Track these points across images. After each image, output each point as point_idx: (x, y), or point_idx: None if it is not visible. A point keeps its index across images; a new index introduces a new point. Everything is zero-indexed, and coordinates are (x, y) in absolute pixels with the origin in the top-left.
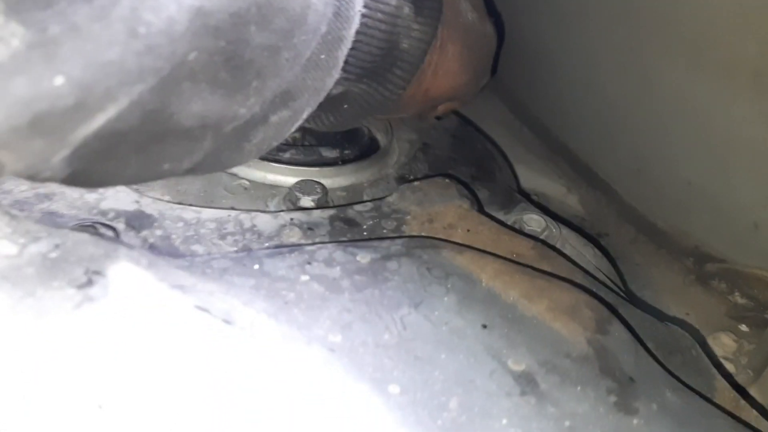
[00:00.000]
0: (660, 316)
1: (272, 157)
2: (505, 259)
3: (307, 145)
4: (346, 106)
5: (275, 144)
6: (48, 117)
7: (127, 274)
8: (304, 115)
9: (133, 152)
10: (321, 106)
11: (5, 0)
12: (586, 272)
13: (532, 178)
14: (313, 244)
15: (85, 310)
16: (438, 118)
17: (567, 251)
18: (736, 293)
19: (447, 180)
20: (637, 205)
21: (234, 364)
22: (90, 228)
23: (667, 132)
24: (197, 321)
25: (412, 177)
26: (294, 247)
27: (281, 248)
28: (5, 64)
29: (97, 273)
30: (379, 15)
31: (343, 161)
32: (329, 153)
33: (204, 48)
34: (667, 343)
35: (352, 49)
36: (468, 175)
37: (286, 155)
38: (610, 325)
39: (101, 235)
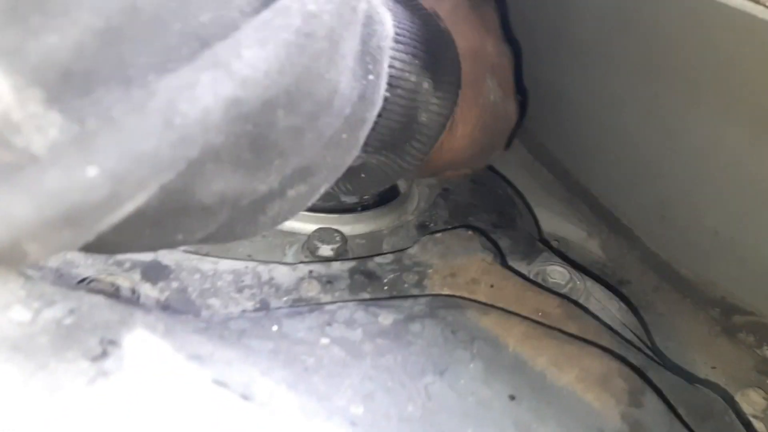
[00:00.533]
0: (690, 376)
1: None
2: (531, 320)
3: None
4: (363, 175)
5: (290, 217)
6: (80, 209)
7: (143, 345)
8: (322, 190)
9: (148, 226)
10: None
11: (47, 87)
12: (614, 332)
13: (552, 222)
14: (333, 303)
15: (98, 385)
16: None
17: (592, 305)
18: (765, 347)
19: (469, 232)
20: (661, 252)
21: None
22: (108, 285)
23: (693, 180)
24: (215, 398)
25: (432, 224)
26: (313, 306)
27: (300, 307)
28: (42, 155)
29: (112, 343)
30: (399, 91)
31: (362, 207)
32: (347, 199)
33: (232, 132)
34: (699, 409)
35: (373, 123)
36: (489, 223)
37: None
38: (644, 396)
39: (118, 296)
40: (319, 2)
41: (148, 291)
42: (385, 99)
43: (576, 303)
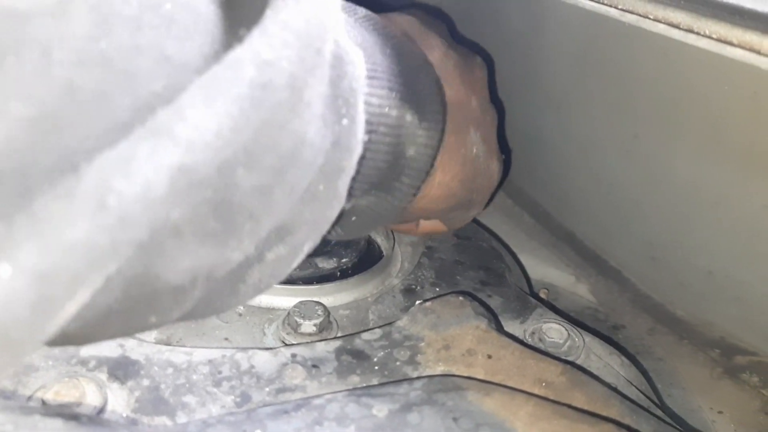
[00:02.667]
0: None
1: None
2: (537, 397)
3: None
4: (354, 218)
5: (274, 283)
6: (6, 325)
7: None
8: (306, 249)
9: (116, 316)
10: None
11: None
12: (621, 394)
13: (539, 269)
14: (320, 396)
15: None
16: None
17: (593, 363)
18: None
19: (460, 298)
20: (654, 294)
21: None
22: (71, 391)
23: (681, 219)
24: None
25: (418, 287)
26: (300, 401)
27: (285, 403)
28: None
29: None
30: (383, 129)
31: (342, 272)
32: (326, 264)
33: (188, 203)
34: None
35: (357, 166)
36: (477, 281)
37: None
38: None
39: (79, 417)
40: (276, 48)
41: (117, 392)
42: (369, 140)
43: (578, 367)
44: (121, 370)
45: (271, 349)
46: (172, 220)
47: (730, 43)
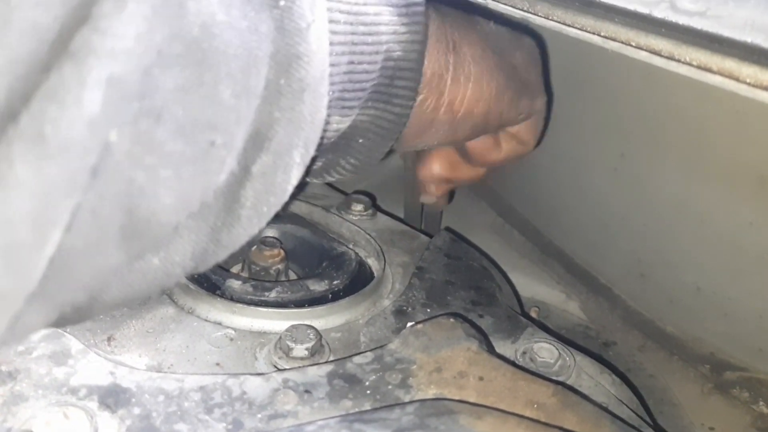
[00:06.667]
0: None
1: (257, 299)
2: (529, 419)
3: (293, 280)
4: (361, 140)
5: (275, 201)
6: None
7: None
8: (297, 158)
9: (102, 255)
10: (335, 151)
11: None
12: (612, 414)
13: (529, 286)
14: (312, 423)
15: None
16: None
17: (584, 382)
18: (761, 403)
19: (452, 320)
20: (644, 311)
21: None
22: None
23: (669, 237)
24: None
25: (409, 309)
26: (292, 428)
27: (278, 431)
28: None
29: None
30: (362, 28)
31: (333, 294)
32: (317, 286)
33: (125, 120)
34: None
35: (346, 73)
36: (468, 300)
37: (272, 294)
38: None
39: None
40: None
41: (107, 422)
42: (352, 42)
43: (570, 387)
44: (112, 398)
45: (262, 374)
46: (115, 141)
47: (710, 70)
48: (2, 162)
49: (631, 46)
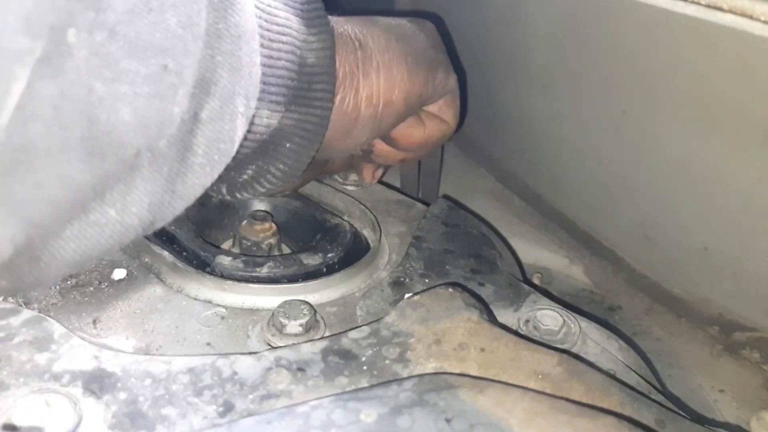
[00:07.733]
0: (707, 421)
1: (249, 275)
2: (533, 391)
3: (286, 255)
4: (288, 144)
5: (225, 149)
6: None
7: None
8: (240, 107)
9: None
10: (264, 157)
11: None
12: (620, 381)
13: (531, 252)
14: (305, 402)
15: None
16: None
17: (590, 349)
18: None
19: (450, 290)
20: (649, 273)
21: None
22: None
23: (673, 196)
24: None
25: (407, 279)
26: (284, 409)
27: (269, 412)
28: None
29: None
30: (275, 27)
31: (328, 267)
32: (311, 260)
33: (80, 24)
34: None
35: (266, 67)
36: (468, 269)
37: (264, 270)
38: None
39: None
40: None
41: (92, 408)
42: (269, 38)
43: (575, 356)
44: (97, 383)
45: (254, 353)
46: (74, 42)
47: (720, 9)
48: None
49: None
